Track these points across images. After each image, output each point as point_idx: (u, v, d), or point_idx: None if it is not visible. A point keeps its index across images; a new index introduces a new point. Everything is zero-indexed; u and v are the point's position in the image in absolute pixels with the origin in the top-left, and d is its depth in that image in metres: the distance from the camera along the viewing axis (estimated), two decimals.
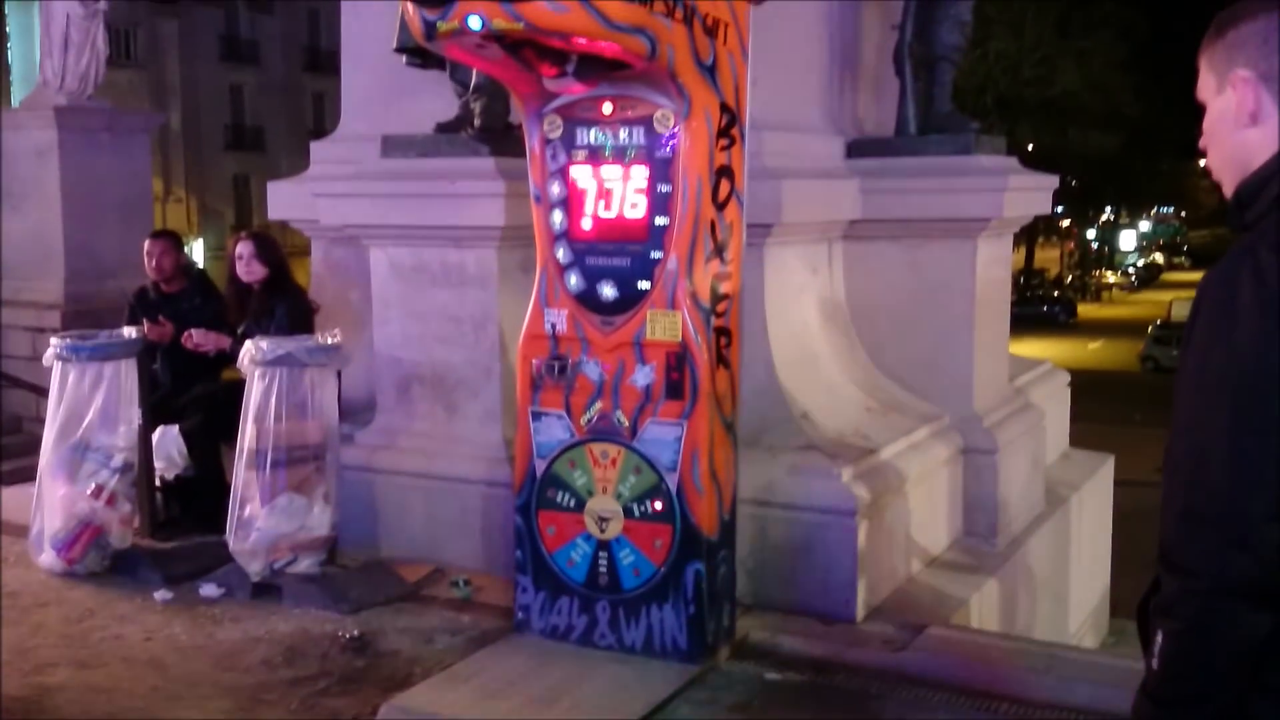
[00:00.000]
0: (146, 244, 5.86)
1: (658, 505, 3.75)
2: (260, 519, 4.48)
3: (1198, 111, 1.69)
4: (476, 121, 4.80)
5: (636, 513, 3.78)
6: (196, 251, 33.46)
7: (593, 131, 3.74)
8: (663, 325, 3.69)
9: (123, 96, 26.64)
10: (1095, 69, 38.65)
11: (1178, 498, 1.49)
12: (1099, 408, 13.64)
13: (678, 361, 3.68)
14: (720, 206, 3.72)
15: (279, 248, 5.42)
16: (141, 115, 13.72)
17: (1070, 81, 37.86)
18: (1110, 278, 63.75)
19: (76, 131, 9.55)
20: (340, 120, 5.93)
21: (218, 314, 5.49)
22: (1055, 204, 5.95)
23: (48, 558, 4.81)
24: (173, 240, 5.97)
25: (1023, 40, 36.97)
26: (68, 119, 9.46)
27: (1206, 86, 1.66)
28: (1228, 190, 1.64)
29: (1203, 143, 1.69)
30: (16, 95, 10.76)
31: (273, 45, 39.86)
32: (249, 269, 5.23)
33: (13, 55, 10.87)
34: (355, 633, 4.14)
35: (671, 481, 3.72)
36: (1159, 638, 1.50)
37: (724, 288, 3.80)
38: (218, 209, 38.29)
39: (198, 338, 5.29)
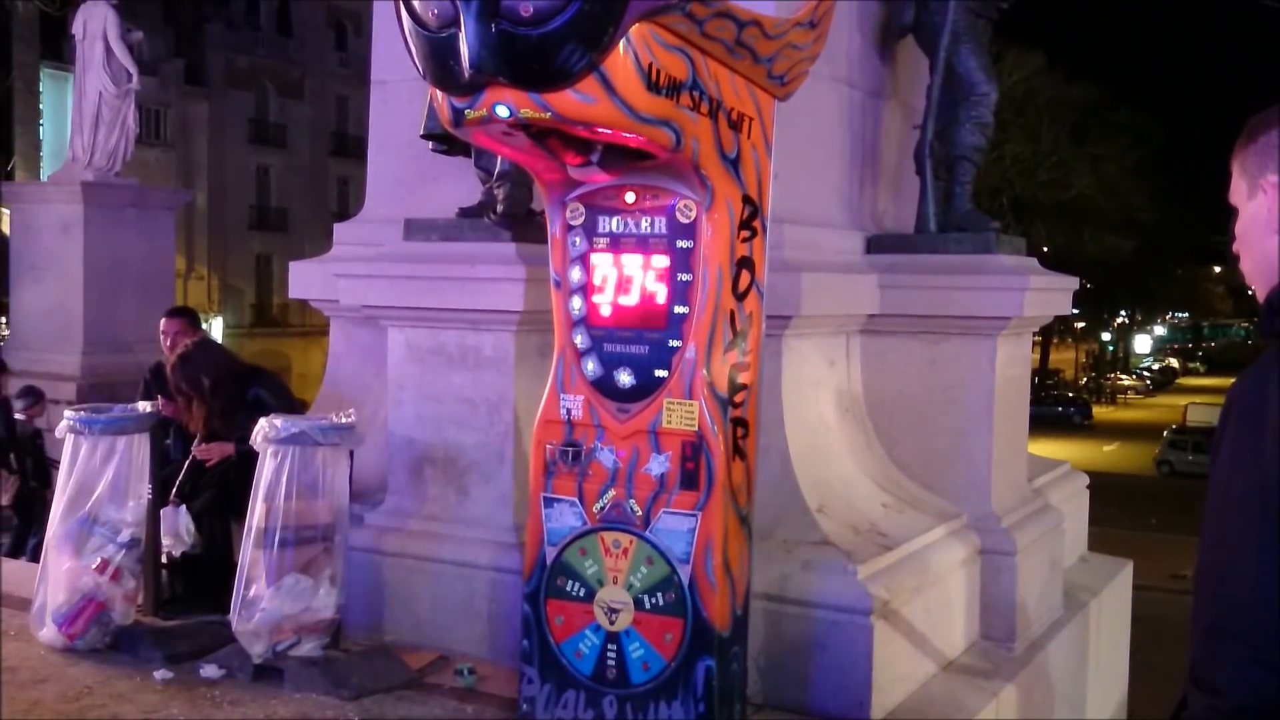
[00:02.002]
0: (163, 322, 5.89)
1: (669, 598, 3.68)
2: (265, 599, 4.41)
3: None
4: (499, 207, 4.84)
5: (647, 605, 3.71)
6: (215, 329, 33.71)
7: (615, 219, 3.75)
8: (679, 414, 3.66)
9: (150, 175, 27.11)
10: (1110, 174, 39.07)
11: (1205, 613, 1.45)
12: (1114, 511, 13.49)
13: (693, 451, 3.64)
14: (740, 297, 3.72)
15: (195, 366, 5.29)
16: (167, 193, 13.93)
17: (1085, 186, 38.27)
18: (1125, 381, 63.63)
19: (102, 207, 9.69)
20: (364, 203, 6.00)
21: None
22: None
23: (48, 632, 4.74)
24: (189, 318, 6.00)
25: (1039, 145, 37.47)
26: (94, 194, 9.60)
27: (1238, 191, 1.64)
28: (1260, 296, 1.61)
29: (1235, 247, 1.66)
30: (47, 170, 10.97)
31: (300, 129, 40.71)
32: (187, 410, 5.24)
33: (44, 131, 11.12)
34: None
35: (684, 574, 3.65)
36: None
37: (742, 378, 3.77)
38: (239, 287, 38.74)
39: (199, 454, 5.29)
